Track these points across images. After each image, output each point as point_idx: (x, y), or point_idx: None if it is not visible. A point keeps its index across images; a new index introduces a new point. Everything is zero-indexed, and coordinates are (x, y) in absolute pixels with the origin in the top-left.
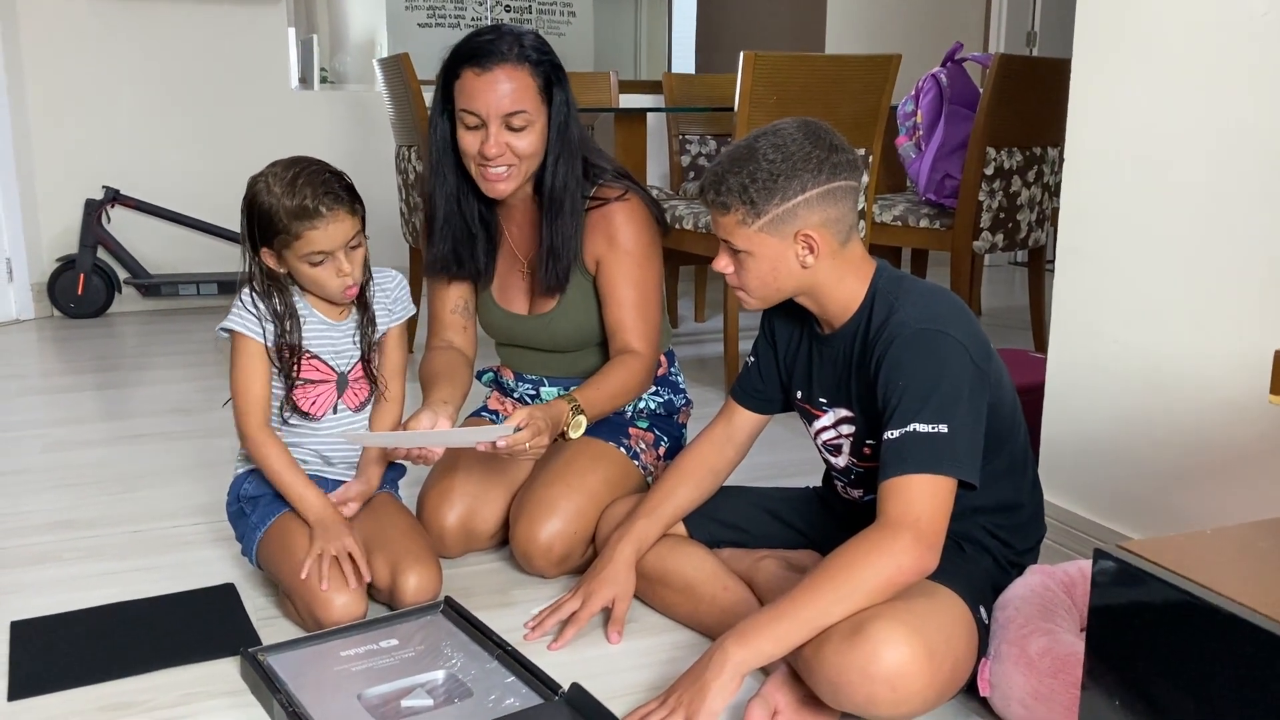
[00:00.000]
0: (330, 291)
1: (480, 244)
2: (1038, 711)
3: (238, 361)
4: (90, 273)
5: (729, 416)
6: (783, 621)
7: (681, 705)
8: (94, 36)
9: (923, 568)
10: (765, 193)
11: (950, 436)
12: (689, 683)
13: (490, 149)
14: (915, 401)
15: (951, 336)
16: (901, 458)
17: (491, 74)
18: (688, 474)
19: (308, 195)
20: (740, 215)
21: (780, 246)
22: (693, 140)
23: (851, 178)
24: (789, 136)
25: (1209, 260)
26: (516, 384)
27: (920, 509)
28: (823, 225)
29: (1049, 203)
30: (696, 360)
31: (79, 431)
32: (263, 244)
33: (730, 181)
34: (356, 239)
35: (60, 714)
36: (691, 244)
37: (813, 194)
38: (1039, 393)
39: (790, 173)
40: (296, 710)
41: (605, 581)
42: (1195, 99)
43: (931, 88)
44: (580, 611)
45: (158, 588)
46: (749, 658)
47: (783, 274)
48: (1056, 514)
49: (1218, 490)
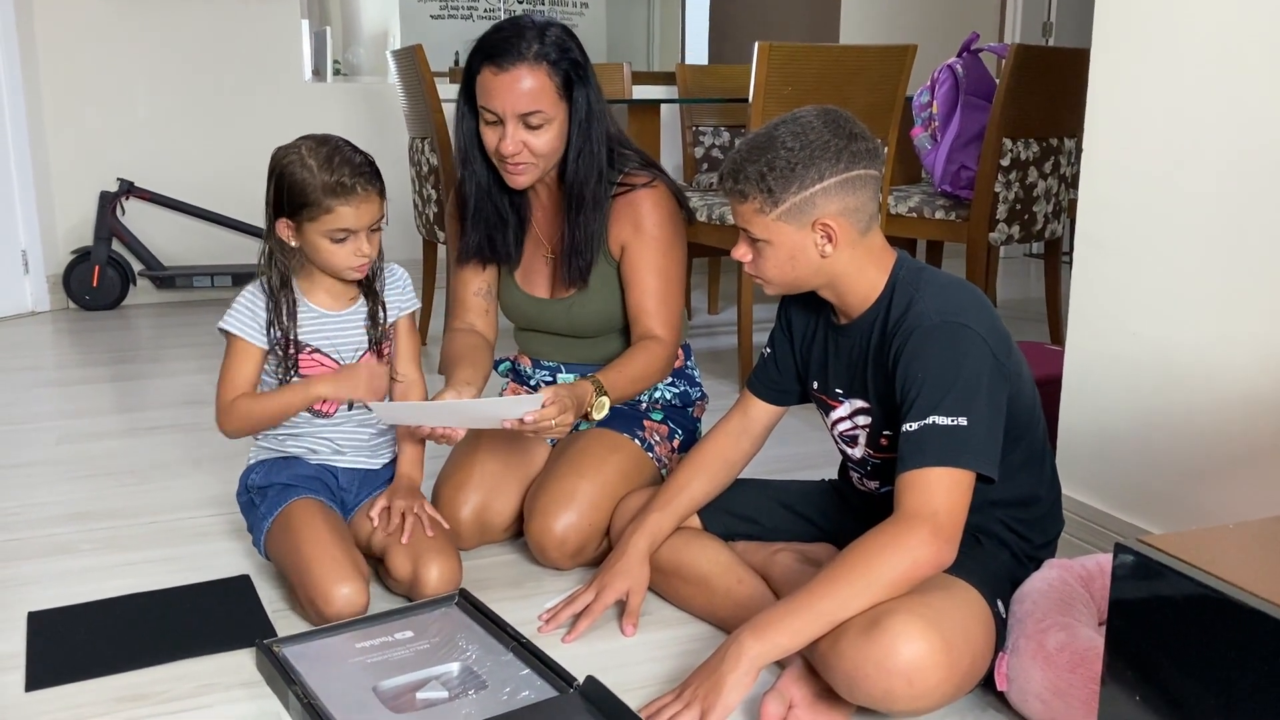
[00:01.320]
0: (341, 269)
1: (510, 229)
2: (1055, 706)
3: (230, 359)
4: (105, 265)
5: (745, 408)
6: (799, 615)
7: (697, 699)
8: (108, 29)
9: (940, 561)
10: (783, 181)
11: (970, 429)
12: (704, 676)
13: (506, 147)
14: (935, 393)
15: (972, 329)
16: (920, 450)
17: (508, 74)
18: (702, 466)
19: (345, 173)
20: (758, 203)
21: (798, 235)
22: (706, 132)
23: (872, 166)
24: (808, 125)
25: (1230, 252)
26: (534, 371)
27: (939, 502)
28: (841, 214)
29: (1065, 194)
30: (710, 353)
31: (94, 423)
32: (287, 215)
33: (748, 170)
34: (379, 222)
35: (77, 704)
36: (705, 236)
37: (831, 182)
38: (1056, 385)
39: (809, 161)
40: (311, 702)
41: (619, 574)
42: (1218, 88)
43: (947, 78)
44: (594, 604)
45: (173, 579)
46: (765, 651)
47: (801, 263)
48: (1074, 507)
49: (1239, 485)
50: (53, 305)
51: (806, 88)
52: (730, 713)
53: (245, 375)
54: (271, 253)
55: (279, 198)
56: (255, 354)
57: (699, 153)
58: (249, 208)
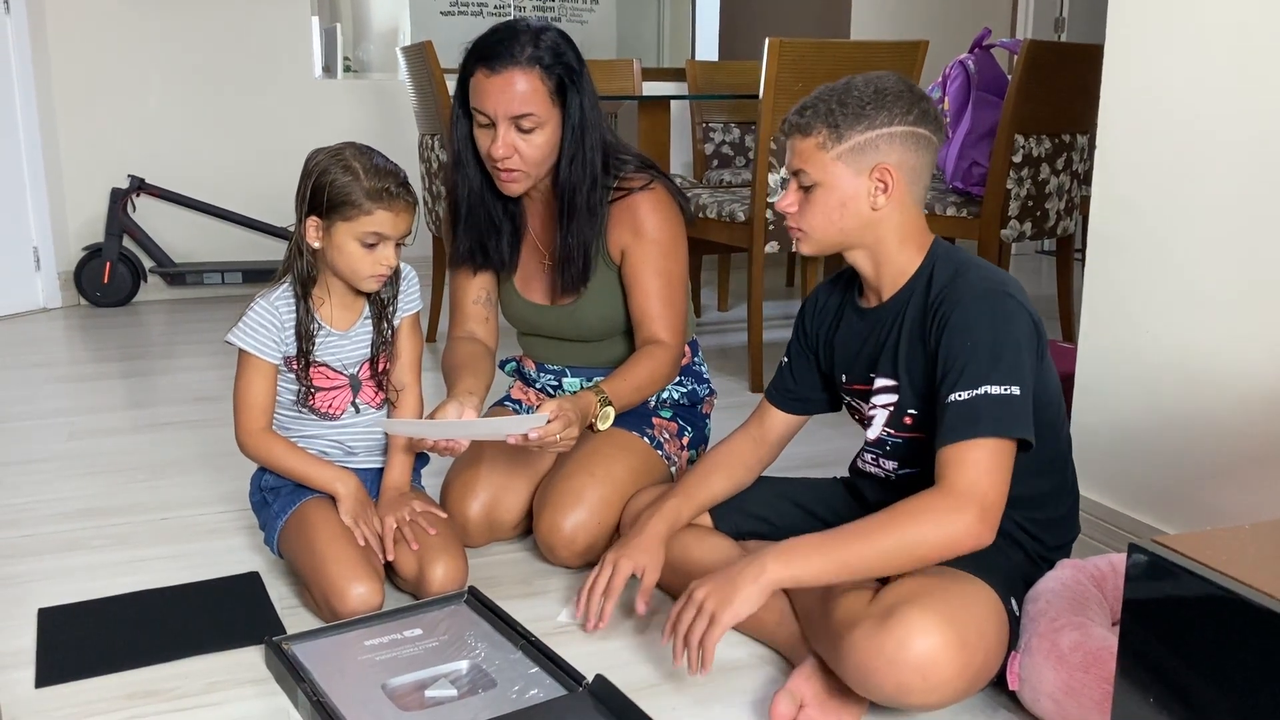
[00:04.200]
0: (361, 276)
1: (504, 236)
2: (1068, 706)
3: (243, 374)
4: (116, 261)
5: (762, 416)
6: (826, 556)
7: (709, 600)
8: (119, 26)
9: (981, 543)
10: (852, 118)
11: (1022, 399)
12: (720, 585)
13: (497, 149)
14: (986, 363)
15: (1016, 299)
16: (973, 420)
17: (501, 76)
18: (721, 465)
19: (392, 182)
20: (821, 138)
21: (855, 181)
22: (716, 128)
23: (936, 133)
24: (884, 77)
25: (1246, 249)
26: (538, 375)
27: (988, 481)
28: (900, 166)
29: (1078, 191)
30: (720, 350)
31: (105, 419)
32: (322, 215)
33: (818, 105)
34: (406, 237)
35: (87, 701)
36: (715, 233)
37: (898, 130)
38: (1069, 383)
39: (880, 104)
40: (321, 699)
41: (635, 549)
42: (1233, 83)
43: (959, 74)
44: (613, 579)
45: (184, 575)
46: (783, 578)
47: (850, 213)
48: (1087, 506)
49: (1254, 484)
50: (64, 302)
51: (817, 84)
52: (737, 620)
53: (262, 392)
54: (300, 250)
55: (316, 196)
56: (268, 370)
57: (709, 149)
58: (260, 204)
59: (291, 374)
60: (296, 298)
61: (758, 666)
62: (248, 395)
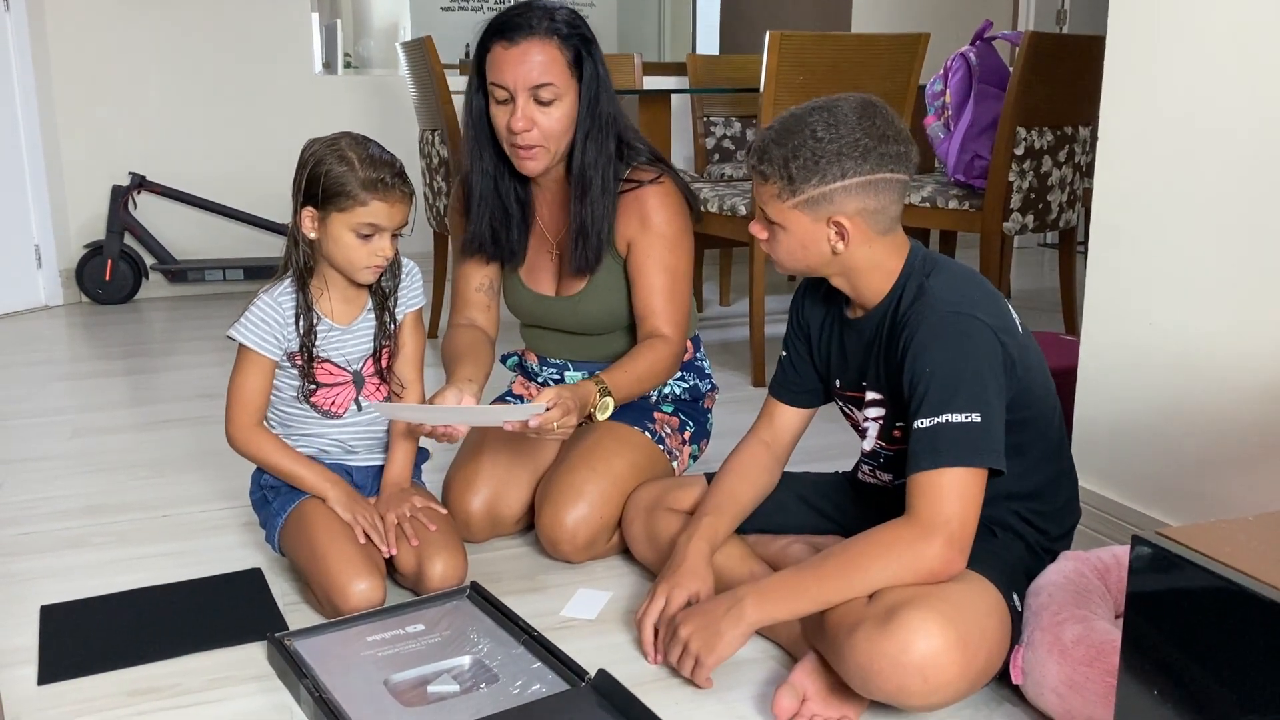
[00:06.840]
0: (357, 267)
1: (516, 223)
2: (1071, 700)
3: (240, 369)
4: (117, 259)
5: (770, 415)
6: (801, 595)
7: (693, 641)
8: (119, 23)
9: (953, 572)
10: (805, 172)
11: (984, 425)
12: (705, 624)
13: (517, 122)
14: (946, 389)
15: (980, 319)
16: (935, 449)
17: (519, 47)
18: (742, 473)
19: (387, 172)
20: (777, 188)
21: (813, 227)
22: (717, 122)
23: (900, 170)
24: (843, 117)
25: (1249, 241)
26: (541, 368)
27: (954, 509)
28: (859, 215)
29: (1080, 183)
30: (721, 345)
31: (107, 417)
32: (317, 206)
33: (774, 152)
34: (403, 228)
35: (89, 698)
36: (717, 227)
37: (853, 182)
38: (1071, 376)
39: (834, 156)
40: (323, 695)
41: (687, 574)
42: (1235, 75)
43: (960, 67)
44: (668, 609)
45: (185, 572)
46: (762, 619)
47: (812, 253)
48: (1090, 499)
49: (1258, 476)
50: (65, 299)
51: (818, 77)
52: (722, 662)
53: (256, 387)
54: (297, 243)
55: (311, 186)
56: (267, 366)
57: (710, 143)
58: (261, 201)
59: (295, 369)
60: (297, 291)
61: (760, 661)
62: (242, 390)
